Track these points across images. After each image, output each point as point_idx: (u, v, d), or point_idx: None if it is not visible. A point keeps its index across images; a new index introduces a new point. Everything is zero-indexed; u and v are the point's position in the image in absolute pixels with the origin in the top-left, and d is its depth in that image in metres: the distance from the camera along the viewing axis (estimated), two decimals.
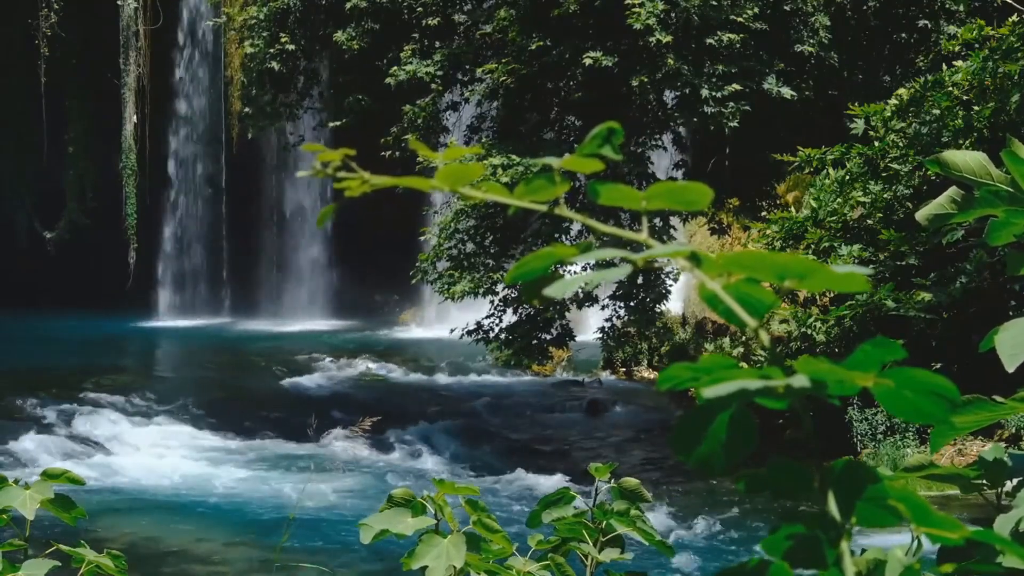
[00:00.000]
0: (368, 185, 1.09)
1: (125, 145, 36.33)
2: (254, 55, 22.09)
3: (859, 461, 0.98)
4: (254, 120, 23.64)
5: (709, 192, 1.04)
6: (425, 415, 22.22)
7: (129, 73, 36.30)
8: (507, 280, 1.08)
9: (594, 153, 1.07)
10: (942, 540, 0.99)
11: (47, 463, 17.78)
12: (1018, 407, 1.58)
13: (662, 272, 18.85)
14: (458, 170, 1.07)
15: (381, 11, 20.77)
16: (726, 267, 0.98)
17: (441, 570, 2.42)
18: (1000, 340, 1.59)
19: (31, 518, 2.65)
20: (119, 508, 16.12)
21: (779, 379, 0.94)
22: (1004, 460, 1.69)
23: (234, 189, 38.14)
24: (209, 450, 20.09)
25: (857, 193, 16.61)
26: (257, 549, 14.45)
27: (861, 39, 20.37)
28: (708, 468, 0.97)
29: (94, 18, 36.05)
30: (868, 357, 0.96)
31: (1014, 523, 1.50)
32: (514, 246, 19.65)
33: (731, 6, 18.47)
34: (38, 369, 25.36)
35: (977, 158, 1.80)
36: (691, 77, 18.46)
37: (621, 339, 23.66)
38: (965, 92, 16.14)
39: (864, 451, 16.69)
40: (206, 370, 27.75)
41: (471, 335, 20.26)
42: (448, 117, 21.42)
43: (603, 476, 2.69)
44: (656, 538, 2.64)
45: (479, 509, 2.54)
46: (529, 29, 19.16)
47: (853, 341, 15.98)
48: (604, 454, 19.44)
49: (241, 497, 17.13)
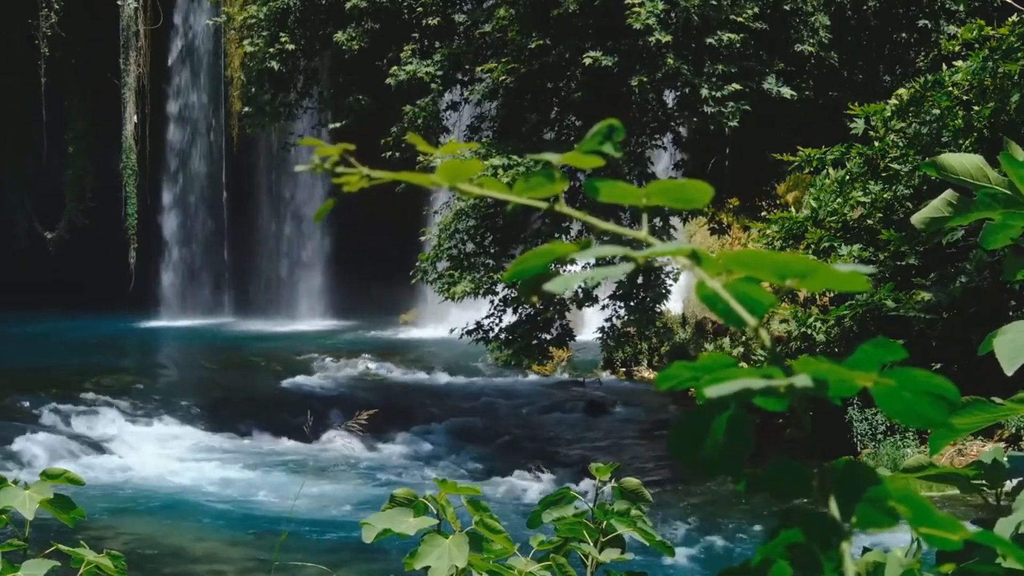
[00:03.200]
0: (367, 180, 1.09)
1: (125, 145, 36.33)
2: (254, 54, 22.09)
3: (859, 461, 0.97)
4: (254, 120, 23.64)
5: (709, 190, 1.03)
6: (425, 415, 22.22)
7: (129, 73, 36.30)
8: (506, 278, 1.07)
9: (594, 150, 1.07)
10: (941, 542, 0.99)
11: (47, 463, 17.78)
12: (1017, 408, 1.57)
13: (662, 271, 18.85)
14: (457, 166, 1.07)
15: (381, 11, 20.77)
16: (726, 266, 0.98)
17: (444, 570, 2.41)
18: (999, 343, 1.59)
19: (31, 518, 2.65)
20: (119, 508, 16.12)
21: (780, 379, 0.93)
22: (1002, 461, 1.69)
23: (234, 189, 38.14)
24: (209, 450, 20.10)
25: (857, 193, 16.60)
26: (257, 548, 14.45)
27: (861, 39, 20.37)
28: (707, 468, 0.97)
29: (94, 18, 36.05)
30: (868, 357, 0.96)
31: (1015, 525, 1.49)
32: (514, 246, 19.65)
33: (731, 6, 18.47)
34: (38, 369, 25.37)
35: (974, 161, 1.80)
36: (691, 77, 18.46)
37: (621, 339, 23.64)
38: (965, 92, 16.14)
39: (864, 451, 16.69)
40: (206, 370, 27.76)
41: (471, 335, 20.25)
42: (448, 117, 21.42)
43: (604, 476, 2.69)
44: (656, 538, 2.64)
45: (481, 509, 2.53)
46: (529, 29, 19.16)
47: (853, 341, 15.98)
48: (604, 454, 19.43)
49: (241, 497, 17.13)
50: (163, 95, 37.76)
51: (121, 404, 22.25)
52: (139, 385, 24.25)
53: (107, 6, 35.61)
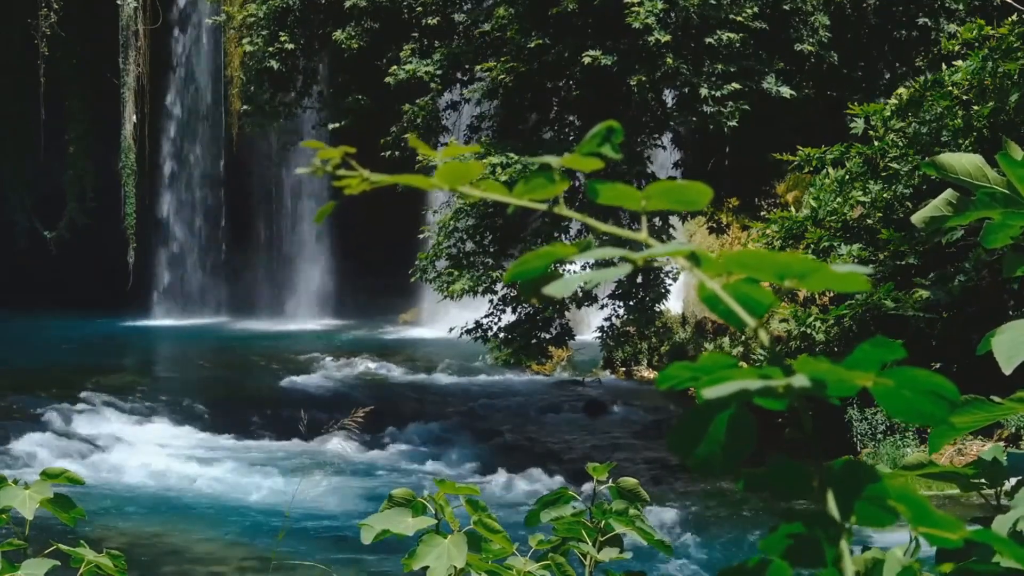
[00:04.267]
0: (367, 183, 1.09)
1: (124, 145, 36.31)
2: (253, 54, 22.10)
3: (858, 460, 0.98)
4: (253, 119, 23.65)
5: (708, 191, 1.04)
6: (425, 415, 22.21)
7: (129, 73, 36.29)
8: (506, 279, 1.07)
9: (593, 152, 1.07)
10: (940, 541, 0.99)
11: (47, 463, 17.78)
12: (1016, 407, 1.58)
13: (661, 271, 18.85)
14: (457, 168, 1.07)
15: (380, 10, 20.77)
16: (726, 266, 0.98)
17: (442, 570, 2.41)
18: (997, 343, 1.59)
19: (30, 518, 2.65)
20: (118, 508, 16.12)
21: (779, 379, 0.94)
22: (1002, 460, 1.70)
23: (234, 188, 38.13)
24: (208, 449, 20.09)
25: (857, 193, 16.60)
26: (256, 548, 14.45)
27: (861, 38, 20.37)
28: (707, 468, 0.97)
29: (94, 18, 36.03)
30: (868, 357, 0.96)
31: (1012, 523, 1.50)
32: (513, 245, 19.65)
33: (730, 5, 18.47)
34: (38, 369, 25.37)
35: (973, 160, 1.80)
36: (690, 76, 18.46)
37: (621, 339, 23.63)
38: (965, 92, 16.14)
39: (864, 451, 16.69)
40: (205, 370, 27.76)
41: (470, 334, 20.25)
42: (448, 116, 21.43)
43: (601, 476, 2.69)
44: (655, 537, 2.64)
45: (480, 509, 2.54)
46: (528, 28, 19.16)
47: (852, 340, 15.98)
48: (603, 454, 19.43)
49: (240, 496, 17.13)
50: (163, 95, 37.75)
51: (121, 404, 22.24)
52: (139, 385, 24.25)
53: (107, 6, 35.60)
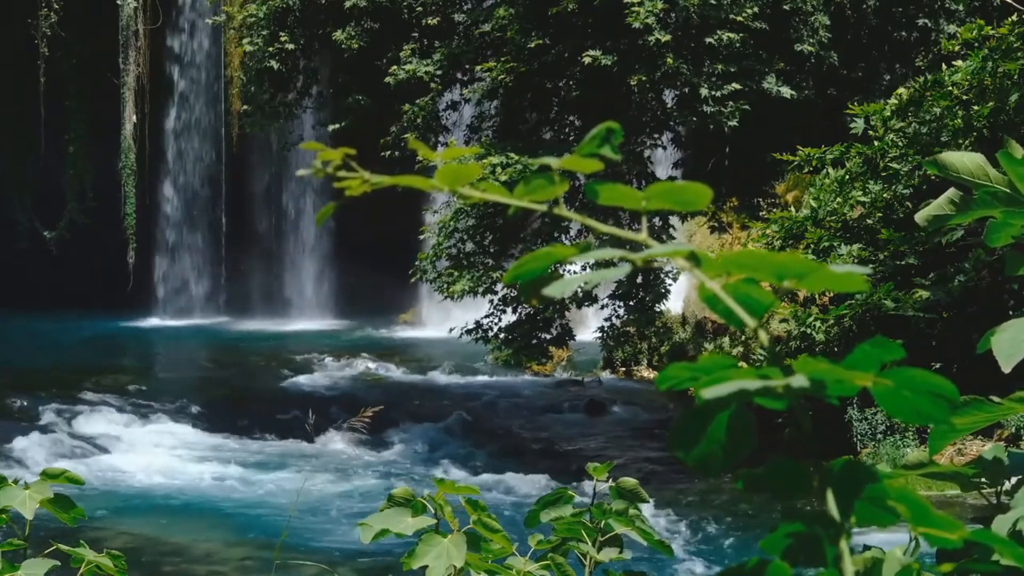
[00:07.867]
0: (368, 185, 1.09)
1: (124, 145, 36.31)
2: (253, 54, 22.11)
3: (858, 460, 0.98)
4: (253, 119, 23.65)
5: (708, 192, 1.04)
6: (425, 415, 22.21)
7: (129, 73, 36.29)
8: (506, 280, 1.08)
9: (593, 153, 1.07)
10: (940, 541, 0.99)
11: (47, 463, 17.78)
12: (1016, 407, 1.58)
13: (661, 272, 18.85)
14: (457, 170, 1.07)
15: (381, 10, 20.77)
16: (725, 267, 0.98)
17: (441, 570, 2.41)
18: (997, 341, 1.59)
19: (30, 518, 2.65)
20: (119, 508, 16.12)
21: (778, 379, 0.94)
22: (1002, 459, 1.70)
23: (234, 188, 38.12)
24: (208, 449, 20.09)
25: (857, 193, 16.60)
26: (257, 548, 14.45)
27: (861, 38, 20.37)
28: (707, 468, 0.97)
29: (94, 18, 36.02)
30: (867, 357, 0.96)
31: (1011, 523, 1.50)
32: (513, 245, 19.65)
33: (731, 5, 18.47)
34: (38, 369, 25.37)
35: (975, 159, 1.80)
36: (690, 76, 18.46)
37: (621, 339, 23.64)
38: (965, 92, 16.14)
39: (864, 451, 16.69)
40: (206, 370, 27.76)
41: (471, 334, 20.25)
42: (448, 116, 21.43)
43: (601, 476, 2.69)
44: (655, 537, 2.64)
45: (479, 509, 2.54)
46: (528, 28, 19.16)
47: (852, 341, 15.98)
48: (603, 454, 19.43)
49: (241, 496, 17.14)
50: (162, 95, 37.74)
51: (121, 404, 22.25)
52: (139, 385, 24.25)
53: (107, 6, 35.60)
